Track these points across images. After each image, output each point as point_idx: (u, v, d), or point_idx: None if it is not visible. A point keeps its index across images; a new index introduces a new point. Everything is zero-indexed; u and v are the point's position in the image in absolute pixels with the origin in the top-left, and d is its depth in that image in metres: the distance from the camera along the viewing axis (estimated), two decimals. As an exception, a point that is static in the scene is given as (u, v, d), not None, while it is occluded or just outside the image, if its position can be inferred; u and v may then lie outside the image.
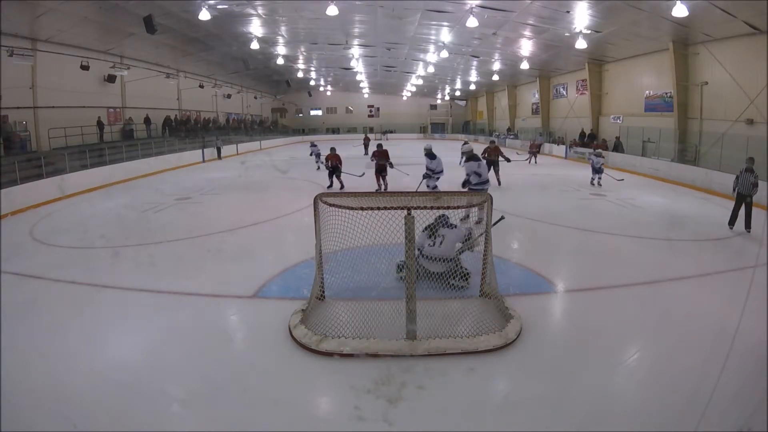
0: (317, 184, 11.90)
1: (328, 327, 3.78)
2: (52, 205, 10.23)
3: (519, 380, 3.36)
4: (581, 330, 4.05)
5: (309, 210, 4.34)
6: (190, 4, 13.69)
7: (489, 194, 4.17)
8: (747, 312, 3.65)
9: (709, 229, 7.78)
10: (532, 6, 13.37)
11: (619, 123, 19.09)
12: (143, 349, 3.74)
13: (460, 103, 41.18)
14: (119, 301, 4.71)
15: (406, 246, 3.71)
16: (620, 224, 8.04)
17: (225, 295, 4.80)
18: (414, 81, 32.45)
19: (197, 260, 6.15)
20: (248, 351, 3.83)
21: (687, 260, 6.08)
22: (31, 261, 6.08)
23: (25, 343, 3.77)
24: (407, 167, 12.43)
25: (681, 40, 14.37)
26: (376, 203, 3.93)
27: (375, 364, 3.39)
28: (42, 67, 14.11)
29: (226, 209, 9.77)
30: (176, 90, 23.21)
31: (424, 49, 21.99)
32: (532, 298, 4.69)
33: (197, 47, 19.73)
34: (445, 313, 4.04)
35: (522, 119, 29.51)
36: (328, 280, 4.49)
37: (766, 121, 11.70)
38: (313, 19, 16.70)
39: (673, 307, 4.49)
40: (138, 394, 3.07)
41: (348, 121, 42.96)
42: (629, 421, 2.81)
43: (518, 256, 6.19)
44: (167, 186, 13.02)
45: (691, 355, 3.50)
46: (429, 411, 2.93)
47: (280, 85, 33.83)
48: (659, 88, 16.34)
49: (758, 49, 11.54)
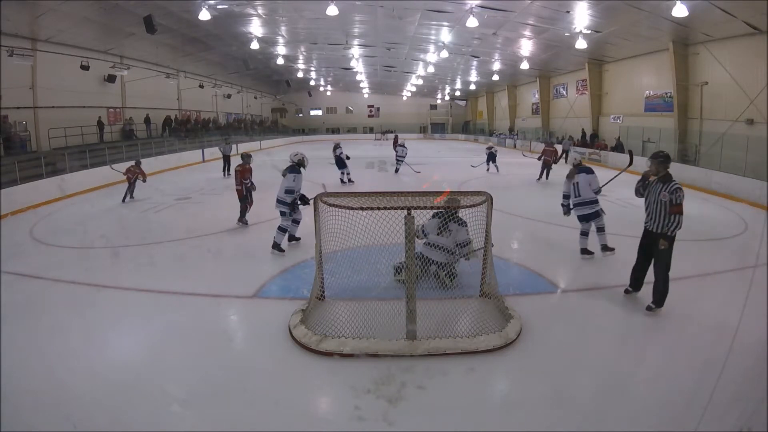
0: (317, 184, 11.90)
1: (328, 327, 3.78)
2: (52, 205, 10.23)
3: (519, 380, 3.36)
4: (581, 330, 4.05)
5: (309, 210, 4.34)
6: (190, 4, 13.70)
7: (489, 194, 4.16)
8: (747, 312, 3.64)
9: (709, 229, 7.77)
10: (532, 6, 13.38)
11: (619, 123, 19.10)
12: (143, 349, 3.74)
13: (460, 103, 41.21)
14: (119, 301, 4.71)
15: (406, 246, 3.71)
16: (620, 224, 8.02)
17: (225, 295, 4.80)
18: (414, 81, 32.47)
19: (197, 260, 6.15)
20: (248, 351, 3.83)
21: (687, 260, 6.08)
22: (31, 261, 6.08)
23: (25, 343, 3.77)
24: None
25: (681, 40, 14.38)
26: (376, 203, 3.93)
27: (375, 364, 3.39)
28: (42, 67, 14.12)
29: (226, 209, 9.75)
30: (176, 90, 23.22)
31: (424, 49, 22.00)
32: (532, 298, 4.69)
33: (197, 47, 19.74)
34: (445, 313, 4.04)
35: (522, 119, 29.52)
36: (328, 280, 4.49)
37: (766, 121, 11.70)
38: (313, 19, 16.71)
39: (673, 307, 4.49)
40: (138, 394, 3.07)
41: (348, 121, 42.98)
42: (629, 421, 2.81)
43: (518, 256, 6.18)
44: (167, 186, 13.01)
45: (691, 355, 3.50)
46: (429, 411, 2.93)
47: (280, 85, 33.85)
48: (659, 88, 16.35)
49: (758, 49, 11.54)
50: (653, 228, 4.38)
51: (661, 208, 4.28)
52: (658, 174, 4.41)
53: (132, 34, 15.60)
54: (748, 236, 7.33)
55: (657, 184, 4.39)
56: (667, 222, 4.26)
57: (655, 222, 4.36)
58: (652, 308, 4.33)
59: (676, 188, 4.23)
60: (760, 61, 11.43)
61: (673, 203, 4.22)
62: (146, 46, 17.51)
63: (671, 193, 4.22)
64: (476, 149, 27.27)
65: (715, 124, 13.70)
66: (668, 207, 4.23)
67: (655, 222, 4.36)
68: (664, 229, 4.26)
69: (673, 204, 4.21)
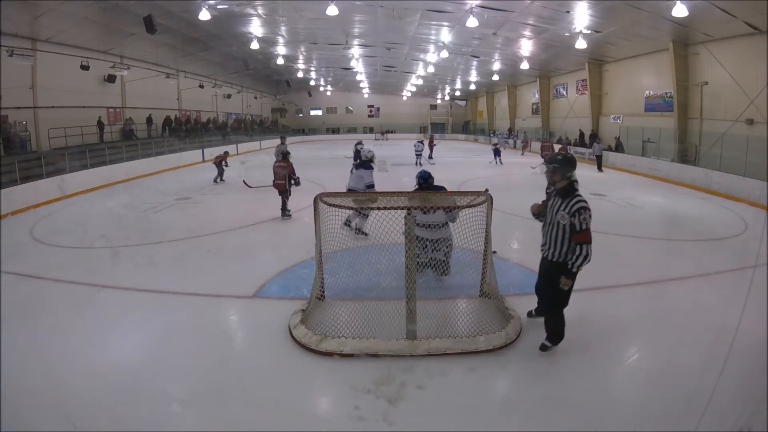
0: (317, 184, 11.89)
1: (328, 327, 3.78)
2: (52, 205, 10.23)
3: (519, 380, 3.36)
4: (581, 330, 4.04)
5: (309, 210, 4.34)
6: (190, 4, 13.68)
7: (489, 194, 4.16)
8: (747, 312, 3.64)
9: (709, 229, 7.78)
10: (532, 6, 13.37)
11: (619, 123, 19.10)
12: (143, 349, 3.74)
13: (460, 103, 41.18)
14: (119, 301, 4.71)
15: (406, 246, 3.72)
16: (620, 224, 8.03)
17: (225, 295, 4.80)
18: (414, 81, 32.44)
19: (197, 260, 6.15)
20: (248, 351, 3.84)
21: (687, 260, 6.09)
22: (31, 261, 6.08)
23: (25, 343, 3.77)
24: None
25: (681, 40, 14.38)
26: (376, 203, 3.93)
27: (375, 364, 3.39)
28: (42, 67, 14.10)
29: (226, 209, 9.77)
30: (176, 90, 23.20)
31: (424, 49, 21.99)
32: (532, 298, 4.65)
33: (197, 47, 19.73)
34: (445, 313, 4.04)
35: (522, 119, 29.50)
36: (328, 280, 4.49)
37: (766, 121, 11.70)
38: (313, 19, 16.70)
39: (673, 307, 4.49)
40: (138, 394, 3.07)
41: (348, 121, 42.97)
42: (629, 421, 2.81)
43: (518, 256, 6.18)
44: (167, 186, 13.02)
45: (691, 355, 3.50)
46: (429, 411, 2.93)
47: (280, 85, 33.84)
48: (659, 88, 16.34)
49: (758, 49, 11.53)
50: (550, 256, 3.33)
51: (558, 233, 3.23)
52: (555, 185, 3.37)
53: (132, 34, 15.59)
54: (748, 236, 7.33)
55: (555, 198, 3.33)
56: (567, 251, 3.21)
57: (552, 249, 3.30)
58: (547, 347, 3.47)
59: (578, 208, 3.13)
60: (760, 61, 11.43)
61: (575, 229, 3.14)
62: (146, 46, 17.50)
63: (572, 215, 3.13)
64: (476, 149, 27.30)
65: (715, 124, 13.69)
66: (569, 233, 3.19)
67: (552, 249, 3.30)
68: (566, 259, 3.22)
69: (576, 230, 3.13)
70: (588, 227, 3.15)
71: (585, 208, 3.15)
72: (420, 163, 17.32)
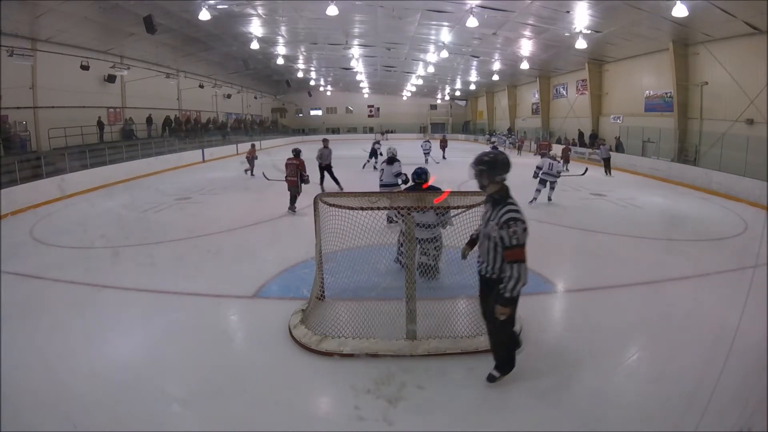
0: (317, 184, 11.89)
1: (328, 327, 3.78)
2: (52, 205, 10.23)
3: (519, 380, 3.35)
4: (581, 330, 4.05)
5: (309, 210, 4.34)
6: (190, 4, 13.69)
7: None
8: (747, 312, 3.64)
9: (709, 229, 7.78)
10: (532, 6, 13.37)
11: (619, 123, 19.10)
12: (143, 349, 3.74)
13: (460, 103, 41.19)
14: (119, 301, 4.71)
15: (406, 246, 3.71)
16: (620, 224, 8.04)
17: (225, 295, 4.80)
18: (414, 81, 32.46)
19: (197, 260, 6.15)
20: (248, 351, 3.83)
21: (687, 260, 6.08)
22: (31, 261, 6.07)
23: (25, 343, 3.77)
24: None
25: (681, 40, 14.38)
26: (376, 203, 3.93)
27: (375, 364, 3.39)
28: (42, 67, 14.11)
29: (226, 209, 9.77)
30: (176, 90, 23.21)
31: (424, 49, 22.00)
32: (532, 298, 4.67)
33: (197, 47, 19.74)
34: (445, 313, 4.04)
35: (522, 119, 29.50)
36: (328, 280, 4.48)
37: (766, 121, 11.70)
38: (313, 19, 16.70)
39: (673, 307, 4.49)
40: (138, 394, 3.07)
41: (348, 121, 43.00)
42: (629, 421, 2.81)
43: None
44: (167, 186, 13.01)
45: (691, 355, 3.49)
46: (429, 411, 2.93)
47: (280, 85, 33.84)
48: (659, 88, 16.35)
49: (758, 49, 11.54)
50: (484, 271, 2.88)
51: (490, 246, 2.75)
52: (484, 190, 2.86)
53: (132, 34, 15.60)
54: (748, 236, 7.33)
55: (487, 206, 2.86)
56: (500, 268, 2.74)
57: (485, 263, 2.84)
58: (495, 377, 3.02)
59: (507, 219, 2.62)
60: (760, 61, 11.43)
61: (505, 244, 2.63)
62: (146, 46, 17.50)
63: (501, 227, 2.63)
64: (476, 149, 27.18)
65: (715, 124, 13.70)
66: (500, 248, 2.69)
67: (485, 263, 2.84)
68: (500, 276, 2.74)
69: (506, 246, 2.62)
70: (520, 243, 2.61)
71: (515, 219, 2.61)
72: (428, 161, 17.53)
